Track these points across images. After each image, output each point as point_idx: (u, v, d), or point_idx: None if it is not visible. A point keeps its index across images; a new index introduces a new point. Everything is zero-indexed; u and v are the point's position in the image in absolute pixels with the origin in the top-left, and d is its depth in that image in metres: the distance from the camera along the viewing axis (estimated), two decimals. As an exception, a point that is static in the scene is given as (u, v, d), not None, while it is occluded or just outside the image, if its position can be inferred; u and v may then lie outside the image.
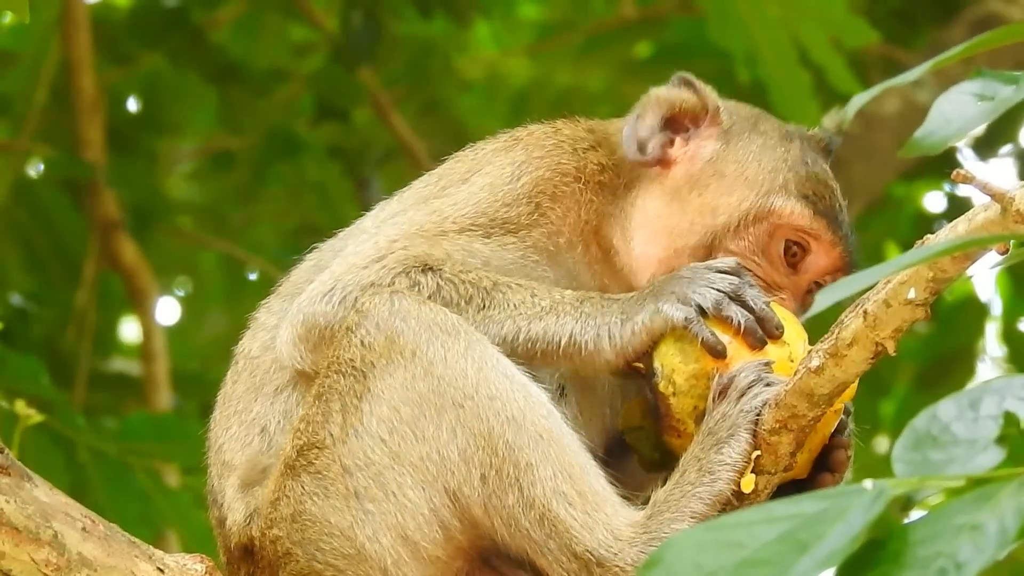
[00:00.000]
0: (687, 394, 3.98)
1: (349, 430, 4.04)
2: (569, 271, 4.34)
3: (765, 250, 4.34)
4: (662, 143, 4.43)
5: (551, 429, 3.97)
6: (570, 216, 4.35)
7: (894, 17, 10.22)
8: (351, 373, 4.04)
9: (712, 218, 4.34)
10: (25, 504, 3.92)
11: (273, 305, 4.47)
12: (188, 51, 9.20)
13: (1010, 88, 2.91)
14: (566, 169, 4.39)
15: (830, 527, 2.57)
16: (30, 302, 8.91)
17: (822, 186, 4.39)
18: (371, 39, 9.33)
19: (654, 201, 4.40)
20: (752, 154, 4.42)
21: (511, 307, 4.08)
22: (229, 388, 4.41)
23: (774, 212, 4.34)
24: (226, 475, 4.30)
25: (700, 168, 4.42)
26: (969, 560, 2.53)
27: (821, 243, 4.36)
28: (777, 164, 4.40)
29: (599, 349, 4.04)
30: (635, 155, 4.42)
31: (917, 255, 2.78)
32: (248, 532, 4.20)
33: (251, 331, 4.46)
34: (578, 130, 4.52)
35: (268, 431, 4.28)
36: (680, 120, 4.47)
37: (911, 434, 2.82)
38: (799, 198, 4.35)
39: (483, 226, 4.28)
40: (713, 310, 3.96)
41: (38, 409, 5.69)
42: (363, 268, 4.17)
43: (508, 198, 4.32)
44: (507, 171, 4.38)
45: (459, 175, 4.43)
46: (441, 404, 3.98)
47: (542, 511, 3.93)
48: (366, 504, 4.02)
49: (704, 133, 4.46)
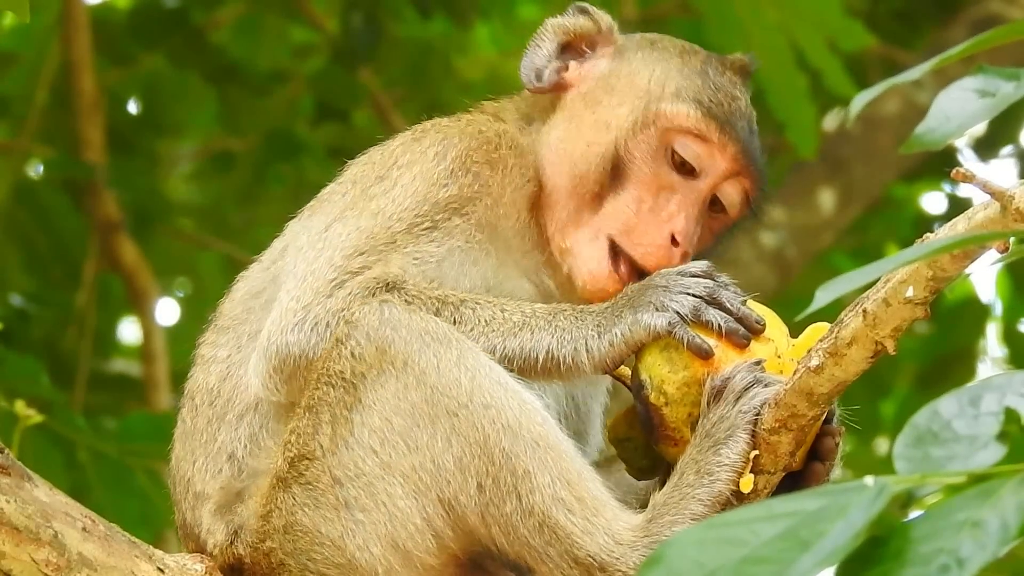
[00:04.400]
0: (680, 403, 3.97)
1: (339, 441, 4.02)
2: (505, 242, 4.30)
3: (655, 155, 4.28)
4: (557, 69, 4.41)
5: (547, 436, 3.95)
6: (506, 183, 4.32)
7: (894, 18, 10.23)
8: (341, 385, 4.02)
9: (605, 133, 4.30)
10: (25, 504, 3.91)
11: (217, 339, 4.42)
12: (188, 52, 9.20)
13: (1011, 85, 2.91)
14: (488, 137, 4.35)
15: (831, 524, 2.57)
16: (30, 303, 8.91)
17: (720, 93, 4.32)
18: (371, 40, 9.33)
19: (555, 131, 4.38)
20: (644, 65, 4.39)
21: (482, 323, 4.05)
22: (188, 424, 4.36)
23: (661, 115, 4.29)
24: (200, 505, 4.25)
25: (592, 85, 4.39)
26: (971, 557, 2.52)
27: (712, 145, 4.28)
28: (670, 73, 4.35)
29: (577, 363, 4.01)
30: (531, 83, 4.40)
31: (917, 252, 2.77)
32: (233, 551, 4.17)
33: (200, 366, 4.41)
34: (479, 115, 4.50)
35: (236, 457, 4.24)
36: (576, 46, 4.45)
37: (912, 431, 2.82)
38: (689, 101, 4.30)
39: (427, 215, 4.22)
40: (692, 316, 3.93)
41: (38, 410, 5.69)
42: (328, 297, 4.11)
43: (443, 177, 4.27)
44: (431, 152, 4.32)
45: (374, 173, 4.35)
46: (435, 413, 3.96)
47: (541, 518, 3.92)
48: (356, 514, 4.01)
49: (599, 54, 4.44)
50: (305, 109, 9.75)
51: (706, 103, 4.30)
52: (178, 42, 9.17)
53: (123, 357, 10.06)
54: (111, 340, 9.64)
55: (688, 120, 4.29)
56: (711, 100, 4.31)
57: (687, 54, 4.42)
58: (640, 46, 4.46)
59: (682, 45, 4.46)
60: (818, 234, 9.54)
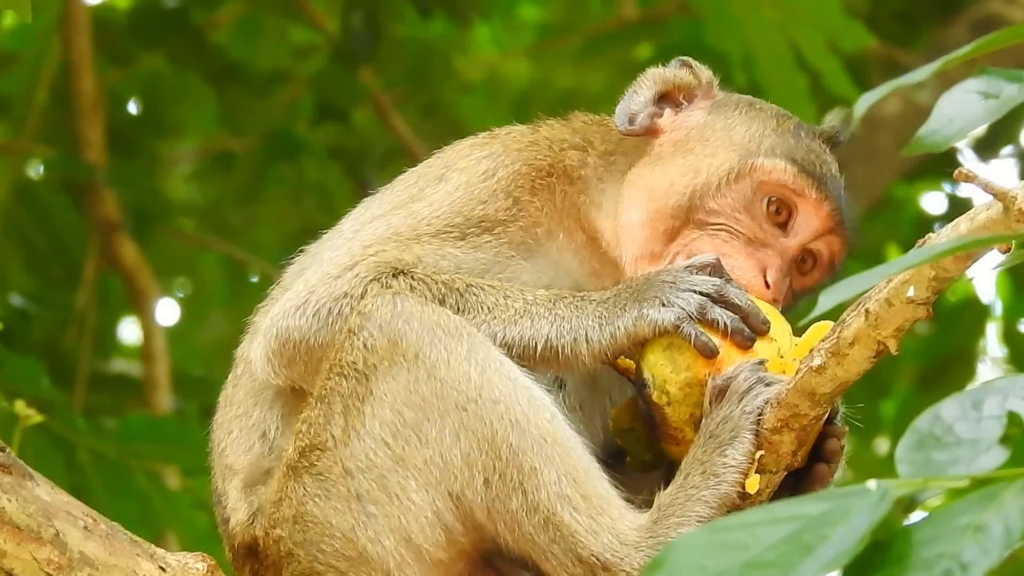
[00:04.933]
0: (682, 403, 3.96)
1: (351, 432, 4.02)
2: (553, 260, 4.30)
3: (748, 207, 4.25)
4: (651, 114, 4.41)
5: (555, 432, 3.95)
6: (547, 207, 4.32)
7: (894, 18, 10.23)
8: (353, 375, 4.02)
9: (693, 177, 4.28)
10: (27, 503, 3.92)
11: (268, 308, 4.44)
12: (188, 52, 9.20)
13: (1014, 86, 2.90)
14: (541, 165, 4.35)
15: (834, 529, 2.56)
16: (30, 303, 8.91)
17: (812, 155, 4.32)
18: (371, 40, 9.33)
19: (640, 170, 4.37)
20: (740, 122, 4.39)
21: (485, 310, 4.05)
22: (230, 391, 4.40)
23: (756, 168, 4.27)
24: (229, 477, 4.29)
25: (686, 134, 4.39)
26: (974, 561, 2.52)
27: (807, 201, 4.27)
28: (766, 131, 4.35)
29: (576, 353, 4.01)
30: (624, 126, 4.40)
31: (921, 255, 2.77)
32: (252, 531, 4.20)
33: (250, 335, 4.43)
34: (562, 130, 4.49)
35: (268, 436, 4.27)
36: (674, 96, 4.45)
37: (914, 434, 2.82)
38: (785, 158, 4.28)
39: (458, 227, 4.24)
40: (698, 314, 3.93)
41: (38, 411, 5.69)
42: (336, 278, 4.13)
43: (484, 195, 4.29)
44: (483, 167, 4.34)
45: (435, 172, 4.39)
46: (444, 407, 3.96)
47: (546, 515, 3.91)
48: (368, 507, 4.01)
49: (696, 105, 4.45)
50: (305, 109, 9.75)
51: (800, 161, 4.28)
52: (178, 42, 9.17)
53: (123, 357, 10.06)
54: (111, 340, 9.63)
55: (785, 175, 4.27)
56: (804, 159, 4.29)
57: (782, 117, 4.42)
58: (737, 104, 4.45)
59: (777, 109, 4.46)
60: (818, 234, 9.52)
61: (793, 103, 8.20)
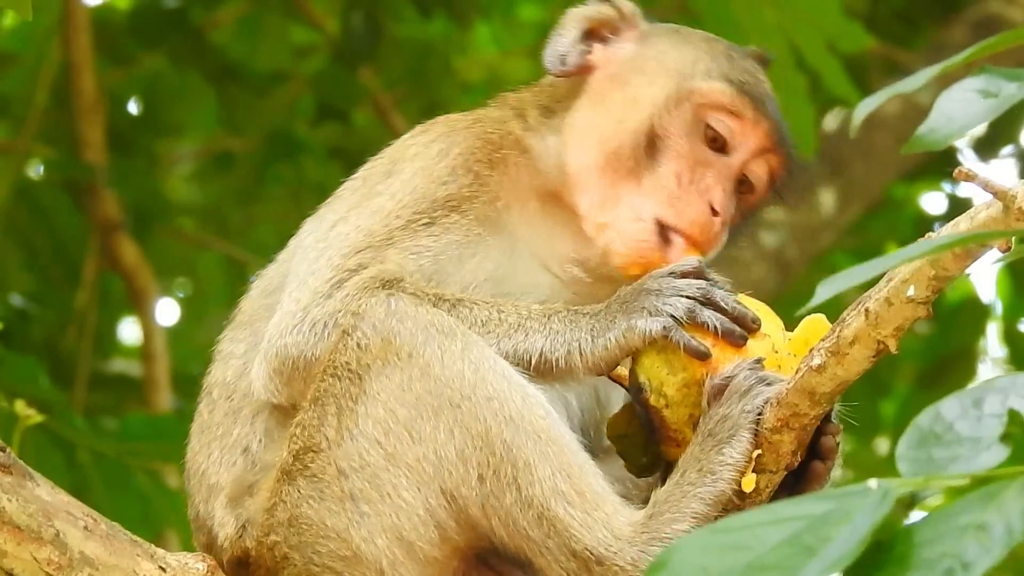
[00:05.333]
0: (681, 404, 3.96)
1: (344, 432, 4.02)
2: (510, 234, 4.31)
3: (689, 131, 4.31)
4: (581, 52, 4.44)
5: (549, 429, 3.95)
6: (505, 180, 4.34)
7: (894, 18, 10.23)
8: (347, 376, 4.02)
9: (636, 111, 4.34)
10: (27, 503, 3.91)
11: (235, 335, 4.44)
12: (188, 52, 9.20)
13: (1014, 85, 2.90)
14: (492, 138, 4.38)
15: (836, 529, 2.56)
16: (30, 303, 8.91)
17: (747, 74, 4.39)
18: (371, 40, 9.33)
19: (581, 113, 4.41)
20: (672, 47, 4.45)
21: (479, 324, 4.06)
22: (206, 418, 4.37)
23: (695, 92, 4.33)
24: (213, 497, 4.27)
25: (619, 67, 4.43)
26: (975, 560, 2.52)
27: (745, 121, 4.33)
28: (698, 54, 4.41)
29: (570, 366, 4.02)
30: (556, 68, 4.43)
31: (919, 249, 2.77)
32: (242, 544, 4.18)
33: (220, 362, 4.43)
34: (496, 109, 4.54)
35: (251, 451, 4.26)
36: (599, 32, 4.49)
37: (915, 432, 2.82)
38: (721, 79, 4.35)
39: (426, 212, 4.26)
40: (687, 318, 3.93)
41: (37, 411, 5.69)
42: (327, 297, 4.14)
43: (444, 174, 4.31)
44: (435, 148, 4.37)
45: (383, 170, 4.41)
46: (438, 405, 3.96)
47: (540, 510, 3.91)
48: (362, 506, 4.01)
49: (624, 37, 4.49)
50: (305, 109, 9.75)
51: (736, 81, 4.35)
52: (178, 42, 9.18)
53: (123, 357, 10.06)
54: (111, 340, 9.65)
55: (723, 96, 4.34)
56: (741, 79, 4.36)
57: (711, 40, 4.49)
58: (664, 31, 4.52)
59: (704, 33, 4.53)
60: (818, 234, 9.54)
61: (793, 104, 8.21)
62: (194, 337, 10.28)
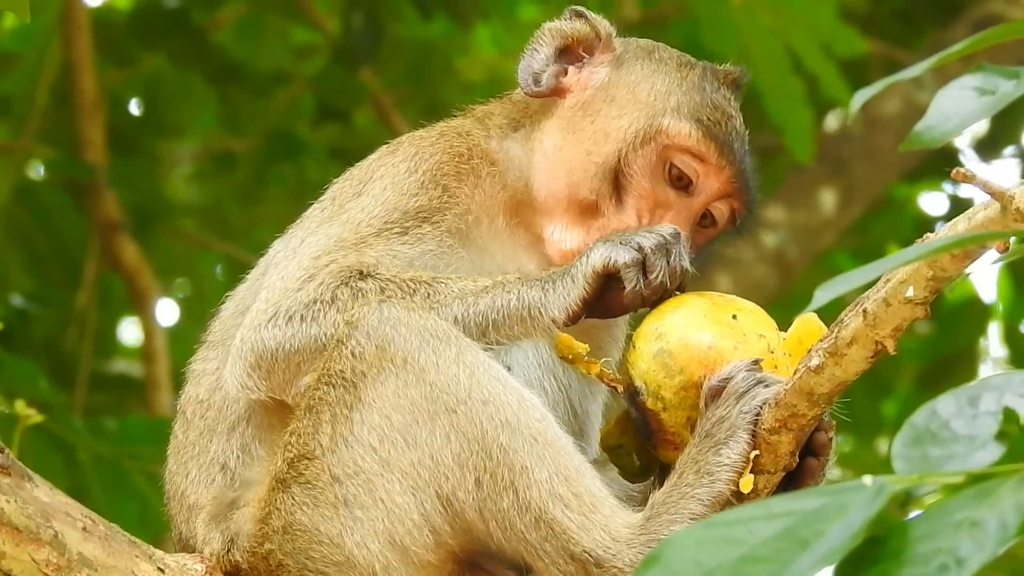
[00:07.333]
0: (678, 407, 3.97)
1: (339, 439, 4.02)
2: (480, 247, 4.33)
3: (654, 170, 4.33)
4: (555, 73, 4.45)
5: (545, 432, 3.95)
6: (476, 192, 4.35)
7: (895, 18, 10.24)
8: (341, 384, 4.02)
9: (605, 144, 4.35)
10: (26, 504, 3.91)
11: (207, 354, 4.44)
12: (189, 52, 9.21)
13: (1011, 83, 2.91)
14: (459, 151, 4.39)
15: (830, 524, 2.56)
16: (31, 303, 8.92)
17: (718, 112, 4.38)
18: (372, 40, 9.34)
19: (551, 136, 4.43)
20: (644, 77, 4.44)
21: (455, 292, 4.08)
22: (181, 438, 4.37)
23: (662, 132, 4.35)
24: (194, 516, 4.26)
25: (591, 94, 4.43)
26: (970, 556, 2.52)
27: (709, 166, 4.34)
28: (670, 87, 4.41)
29: (546, 304, 4.03)
30: (529, 87, 4.45)
31: (917, 251, 2.77)
32: (231, 559, 4.17)
33: (192, 381, 4.42)
34: (463, 121, 4.54)
35: (229, 467, 4.25)
36: (574, 50, 4.48)
37: (910, 430, 2.82)
38: (690, 120, 4.35)
39: (397, 222, 4.26)
40: (655, 254, 3.97)
41: (37, 411, 5.69)
42: (298, 290, 4.14)
43: (414, 188, 4.31)
44: (403, 166, 4.37)
45: (352, 189, 4.41)
46: (434, 410, 3.96)
47: (538, 513, 3.91)
48: (355, 511, 4.01)
49: (597, 60, 4.48)
50: (306, 109, 9.76)
51: (705, 122, 4.35)
52: (179, 43, 9.18)
53: (124, 357, 10.07)
54: (112, 340, 9.65)
55: (689, 140, 4.35)
56: (710, 119, 4.36)
57: (684, 67, 4.47)
58: (639, 56, 4.49)
59: (679, 57, 4.50)
60: (819, 234, 9.55)
61: (790, 108, 8.22)
62: (195, 338, 10.28)
